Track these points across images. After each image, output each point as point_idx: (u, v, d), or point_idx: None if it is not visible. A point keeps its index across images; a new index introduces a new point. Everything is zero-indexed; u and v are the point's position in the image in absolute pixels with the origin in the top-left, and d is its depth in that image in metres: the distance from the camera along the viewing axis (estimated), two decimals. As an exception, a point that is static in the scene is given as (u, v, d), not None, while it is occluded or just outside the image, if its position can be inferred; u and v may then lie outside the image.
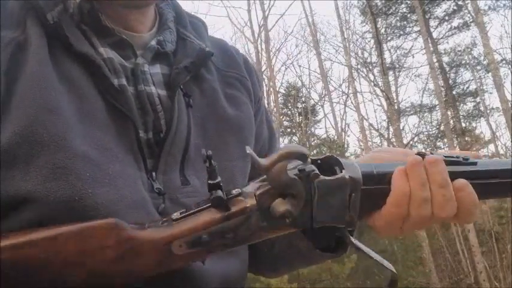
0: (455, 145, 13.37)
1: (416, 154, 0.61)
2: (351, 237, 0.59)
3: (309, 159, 0.55)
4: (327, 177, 0.55)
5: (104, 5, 0.68)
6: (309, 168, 0.55)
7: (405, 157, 0.63)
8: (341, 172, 0.56)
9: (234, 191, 0.56)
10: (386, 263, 0.59)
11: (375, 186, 0.58)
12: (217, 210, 0.54)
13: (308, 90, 18.12)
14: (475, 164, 0.63)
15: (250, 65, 0.88)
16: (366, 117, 16.37)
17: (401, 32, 15.60)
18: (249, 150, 0.54)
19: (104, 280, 0.53)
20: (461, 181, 0.60)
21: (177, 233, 0.54)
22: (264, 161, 0.53)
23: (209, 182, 0.54)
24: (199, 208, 0.55)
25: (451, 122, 13.56)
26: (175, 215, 0.55)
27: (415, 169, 0.59)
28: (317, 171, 0.54)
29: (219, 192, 0.54)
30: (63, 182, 0.56)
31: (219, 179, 0.54)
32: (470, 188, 0.61)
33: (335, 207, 0.55)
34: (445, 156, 0.62)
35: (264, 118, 0.88)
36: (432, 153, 0.62)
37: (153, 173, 0.66)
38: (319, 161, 0.58)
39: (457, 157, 0.63)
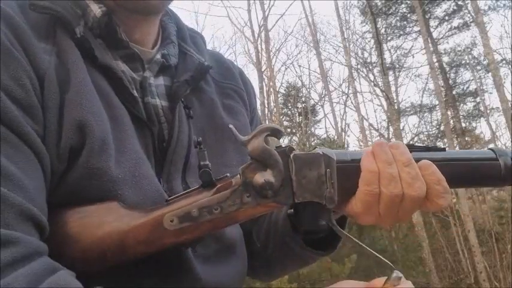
0: (455, 145, 13.38)
1: None
2: (334, 223, 0.63)
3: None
4: (302, 152, 0.60)
5: (117, 17, 0.71)
6: (285, 145, 0.60)
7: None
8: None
9: (223, 175, 0.61)
10: (383, 261, 0.62)
11: (348, 164, 0.62)
12: (206, 190, 0.59)
13: (308, 90, 18.16)
14: (443, 150, 0.67)
15: (245, 77, 0.93)
16: (366, 117, 16.43)
17: (402, 32, 15.61)
18: (230, 126, 0.60)
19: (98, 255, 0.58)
20: (424, 161, 0.64)
21: (168, 210, 0.59)
22: (244, 137, 0.58)
23: (200, 163, 0.59)
24: (190, 190, 0.60)
25: (451, 122, 13.57)
26: (168, 199, 0.61)
27: (381, 149, 0.63)
28: (293, 147, 0.59)
29: (207, 171, 0.58)
30: (96, 182, 0.61)
31: (207, 161, 0.59)
32: (434, 167, 0.64)
33: (313, 182, 0.59)
34: (414, 145, 0.67)
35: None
36: None
37: (160, 179, 0.70)
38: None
39: (426, 146, 0.68)
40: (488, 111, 15.15)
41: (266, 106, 15.65)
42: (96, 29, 0.69)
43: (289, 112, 17.96)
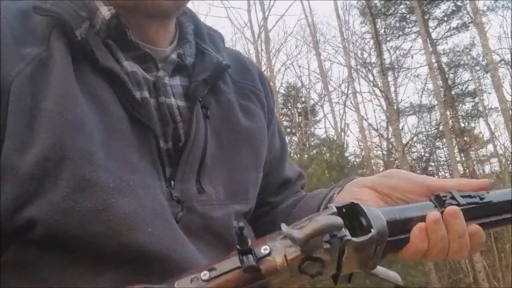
0: (454, 145, 13.39)
1: (432, 199, 0.63)
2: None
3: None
4: (357, 240, 0.55)
5: (129, 19, 0.70)
6: (340, 233, 0.55)
7: (418, 187, 0.66)
8: (366, 223, 0.57)
9: (263, 250, 0.54)
10: (392, 275, 0.62)
11: (398, 237, 0.60)
12: (247, 273, 0.54)
13: (308, 90, 18.15)
14: (489, 202, 0.64)
15: (263, 77, 0.89)
16: (365, 117, 16.41)
17: (401, 33, 15.61)
18: (284, 227, 0.54)
19: None
20: (475, 227, 0.62)
21: None
22: (298, 234, 0.52)
23: (238, 247, 0.54)
24: (230, 269, 0.54)
25: (450, 122, 13.59)
26: (204, 274, 0.54)
27: (435, 226, 0.60)
28: (348, 236, 0.54)
29: (251, 259, 0.53)
30: (89, 193, 0.59)
31: (249, 243, 0.54)
32: (482, 232, 0.63)
33: (361, 259, 0.57)
34: (462, 196, 0.63)
35: (276, 129, 0.90)
36: (448, 201, 0.63)
37: (172, 182, 0.68)
38: (344, 210, 0.59)
39: (473, 196, 0.64)
40: (487, 112, 15.15)
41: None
42: (105, 31, 0.68)
43: (289, 112, 17.95)
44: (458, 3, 14.54)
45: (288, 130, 17.29)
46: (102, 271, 0.60)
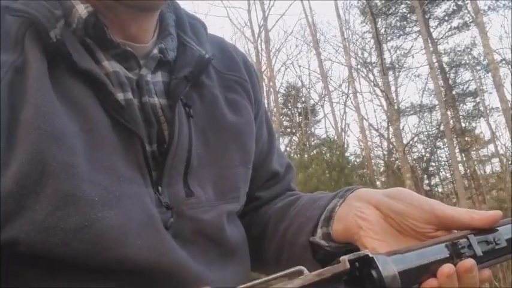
0: (455, 145, 13.38)
1: (448, 245, 0.58)
2: None
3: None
4: None
5: (109, 16, 0.66)
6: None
7: (426, 216, 0.61)
8: (378, 281, 0.53)
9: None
10: None
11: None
12: None
13: (308, 90, 18.15)
14: (504, 247, 0.61)
15: (249, 65, 0.86)
16: (365, 117, 16.40)
17: (401, 32, 15.61)
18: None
19: None
20: (486, 274, 0.59)
21: None
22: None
23: None
24: None
25: (451, 122, 13.58)
26: None
27: (447, 280, 0.56)
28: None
29: None
30: (73, 209, 0.56)
31: None
32: (491, 274, 0.60)
33: None
34: (479, 242, 0.59)
35: (264, 119, 0.87)
36: (465, 252, 0.58)
37: (159, 187, 0.65)
38: (357, 264, 0.54)
39: (490, 242, 0.60)
40: (488, 111, 15.16)
41: (266, 106, 15.63)
42: (82, 30, 0.64)
43: (289, 112, 17.96)
44: (459, 2, 14.54)
45: (288, 130, 17.32)
46: (89, 286, 0.58)
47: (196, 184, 0.68)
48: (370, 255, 0.53)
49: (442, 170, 16.48)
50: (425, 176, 16.03)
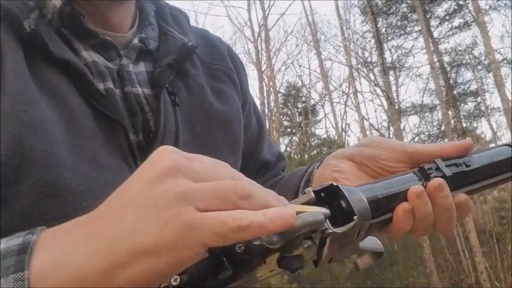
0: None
1: (416, 172, 0.58)
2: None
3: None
4: (339, 230, 0.50)
5: (85, 5, 0.65)
6: (322, 227, 0.49)
7: (397, 154, 0.62)
8: (347, 208, 0.52)
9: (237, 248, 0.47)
10: (373, 242, 0.58)
11: (381, 219, 0.55)
12: None
13: (308, 90, 18.15)
14: (475, 168, 0.61)
15: (234, 55, 0.86)
16: (366, 117, 16.39)
17: (402, 32, 15.60)
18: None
19: None
20: (462, 197, 0.58)
21: None
22: (276, 238, 0.46)
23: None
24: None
25: (452, 122, 13.54)
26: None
27: (419, 201, 0.55)
28: (330, 229, 0.49)
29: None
30: (57, 199, 0.55)
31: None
32: (469, 200, 0.59)
33: (343, 245, 0.53)
34: (447, 165, 0.59)
35: (252, 109, 0.87)
36: (433, 173, 0.58)
37: None
38: (322, 194, 0.53)
39: (459, 164, 0.60)
40: (489, 111, 15.15)
41: (266, 106, 15.64)
42: (57, 20, 0.64)
43: (289, 112, 17.96)
44: (460, 2, 14.51)
45: (289, 130, 17.32)
46: None
47: None
48: (335, 184, 0.52)
49: (442, 170, 16.47)
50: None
